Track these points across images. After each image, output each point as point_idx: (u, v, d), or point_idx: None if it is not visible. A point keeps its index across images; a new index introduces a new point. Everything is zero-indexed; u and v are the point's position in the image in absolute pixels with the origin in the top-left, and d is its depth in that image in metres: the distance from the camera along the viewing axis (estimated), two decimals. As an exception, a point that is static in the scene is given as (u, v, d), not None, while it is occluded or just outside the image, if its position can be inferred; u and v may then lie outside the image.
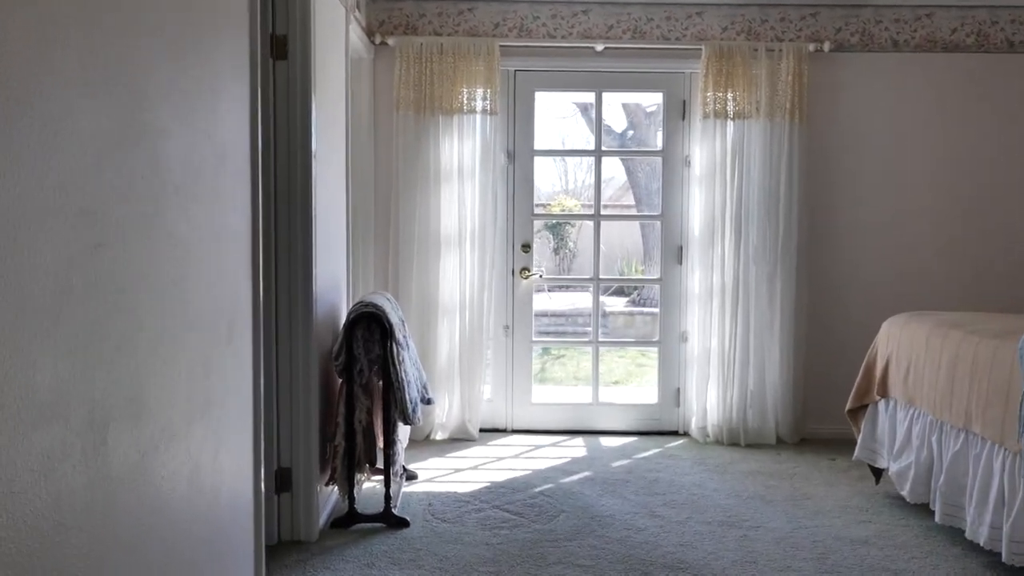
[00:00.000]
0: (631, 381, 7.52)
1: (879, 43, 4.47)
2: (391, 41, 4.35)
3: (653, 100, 8.45)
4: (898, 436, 3.35)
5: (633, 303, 9.94)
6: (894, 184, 4.52)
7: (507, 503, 3.47)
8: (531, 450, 4.31)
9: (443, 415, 4.47)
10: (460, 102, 4.35)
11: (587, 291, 5.02)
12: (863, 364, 3.66)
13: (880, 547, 3.04)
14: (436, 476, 3.84)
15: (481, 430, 4.53)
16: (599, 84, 4.61)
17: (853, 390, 3.68)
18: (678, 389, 4.66)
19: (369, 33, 4.34)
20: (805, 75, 4.35)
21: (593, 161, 4.79)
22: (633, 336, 8.85)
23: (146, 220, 1.64)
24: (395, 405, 3.21)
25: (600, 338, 4.84)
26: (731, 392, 4.44)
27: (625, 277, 10.48)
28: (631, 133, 10.25)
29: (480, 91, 4.36)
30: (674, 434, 4.62)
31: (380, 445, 3.31)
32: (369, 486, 3.56)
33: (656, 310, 4.83)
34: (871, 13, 4.46)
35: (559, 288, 10.51)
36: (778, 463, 4.10)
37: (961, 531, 2.92)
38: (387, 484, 3.23)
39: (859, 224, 4.54)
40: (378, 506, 3.27)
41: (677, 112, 4.59)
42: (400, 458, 3.38)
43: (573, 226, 11.18)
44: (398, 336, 3.28)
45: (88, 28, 1.41)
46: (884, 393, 3.49)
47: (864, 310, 4.44)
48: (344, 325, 3.22)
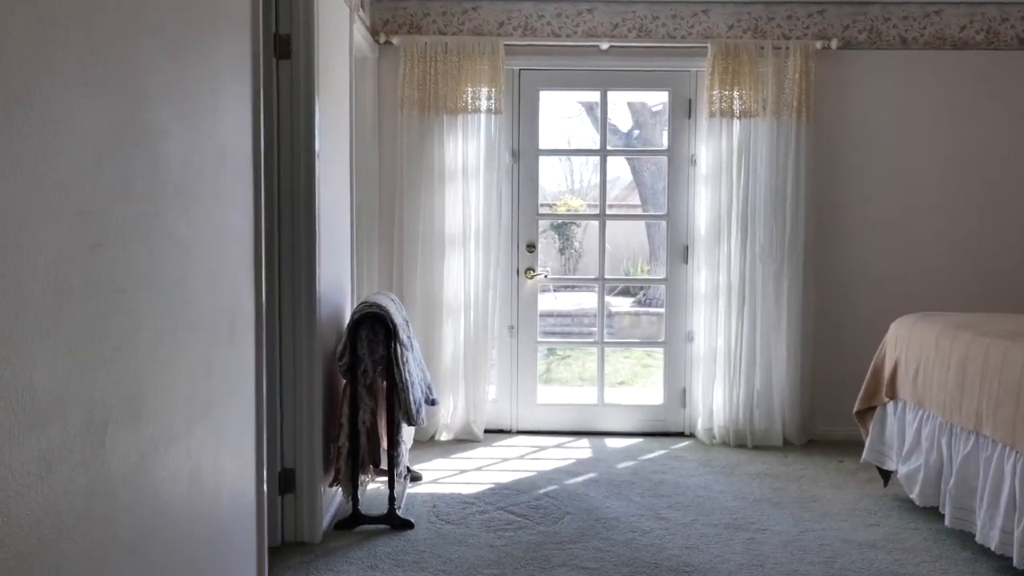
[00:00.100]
0: (637, 382, 7.49)
1: (887, 40, 4.44)
2: (395, 40, 4.33)
3: (659, 99, 8.42)
4: (907, 438, 3.32)
5: (639, 303, 9.91)
6: (903, 182, 4.49)
7: (512, 505, 3.45)
8: (536, 451, 4.29)
9: (448, 416, 4.45)
10: (464, 101, 4.33)
11: (593, 291, 4.99)
12: (871, 365, 3.63)
13: (889, 551, 3.01)
14: (441, 477, 3.82)
15: (486, 431, 4.51)
16: (604, 83, 4.59)
17: (861, 391, 3.65)
18: (684, 390, 4.63)
19: (373, 32, 4.32)
20: (812, 73, 4.31)
21: (598, 161, 4.76)
22: (639, 336, 8.81)
23: (146, 220, 1.62)
24: (399, 406, 3.20)
25: (605, 338, 4.81)
26: (737, 393, 4.41)
27: (631, 277, 10.44)
28: (637, 133, 10.22)
29: (484, 90, 4.34)
30: (680, 435, 4.59)
31: (384, 446, 3.29)
32: (373, 487, 3.55)
33: (662, 310, 4.81)
34: (879, 10, 4.42)
35: (565, 288, 10.48)
36: (785, 465, 4.07)
37: (971, 535, 2.88)
38: (391, 485, 3.21)
39: (867, 222, 4.50)
40: (382, 507, 3.25)
41: (683, 111, 4.56)
42: (404, 459, 3.36)
43: (579, 226, 11.15)
44: (402, 337, 3.26)
45: (88, 28, 1.41)
46: (893, 395, 3.45)
47: (872, 309, 4.41)
48: (348, 325, 3.20)
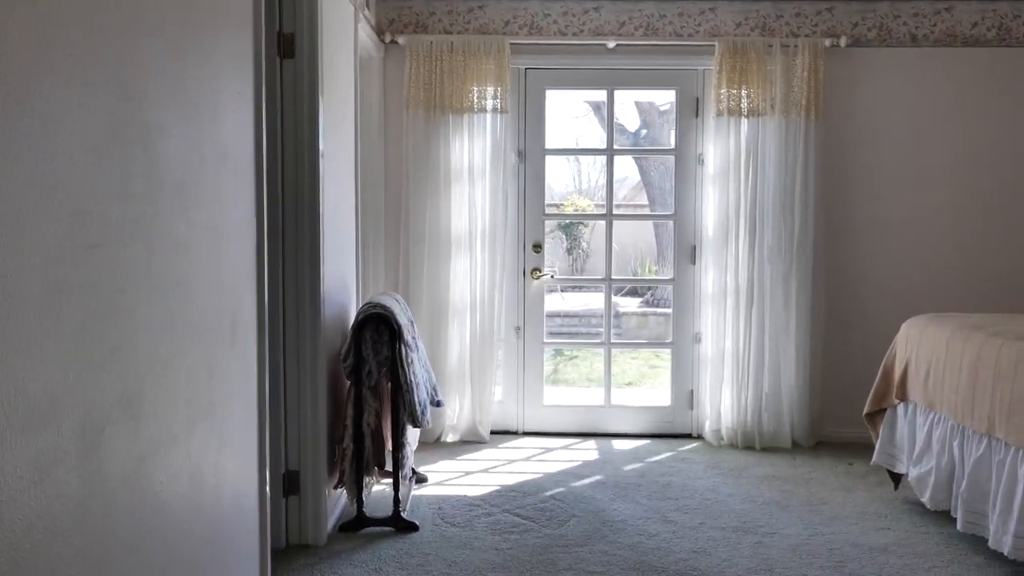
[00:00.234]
0: (644, 383, 7.45)
1: (897, 38, 4.39)
2: (401, 40, 4.31)
3: (666, 98, 8.37)
4: (918, 441, 3.27)
5: (647, 303, 9.87)
6: (913, 181, 4.44)
7: (517, 507, 3.42)
8: (542, 453, 4.26)
9: (454, 417, 4.43)
10: (470, 101, 4.31)
11: (600, 291, 4.96)
12: (881, 366, 3.58)
13: (899, 555, 2.96)
14: (446, 479, 3.80)
15: (492, 432, 4.49)
16: (611, 82, 4.55)
17: (871, 393, 3.60)
18: (691, 391, 4.59)
19: (379, 32, 4.30)
20: (821, 71, 4.27)
21: (605, 160, 4.73)
22: (647, 337, 8.77)
23: (145, 220, 1.60)
24: (404, 407, 3.17)
25: (612, 339, 4.78)
26: (746, 394, 4.37)
27: (638, 278, 10.40)
28: (644, 132, 10.17)
29: (490, 89, 4.31)
30: (687, 437, 4.55)
31: (389, 448, 3.27)
32: (379, 489, 3.53)
33: (670, 310, 4.77)
34: (888, 8, 4.37)
35: (572, 288, 10.45)
36: (794, 467, 4.03)
37: (984, 539, 2.84)
38: (396, 487, 3.19)
39: (877, 222, 4.45)
40: (387, 509, 3.23)
41: (690, 110, 4.52)
42: (409, 461, 3.34)
43: (586, 226, 11.11)
44: (407, 337, 3.24)
45: (88, 28, 1.40)
46: (903, 396, 3.41)
47: (882, 310, 4.36)
48: (352, 326, 3.18)
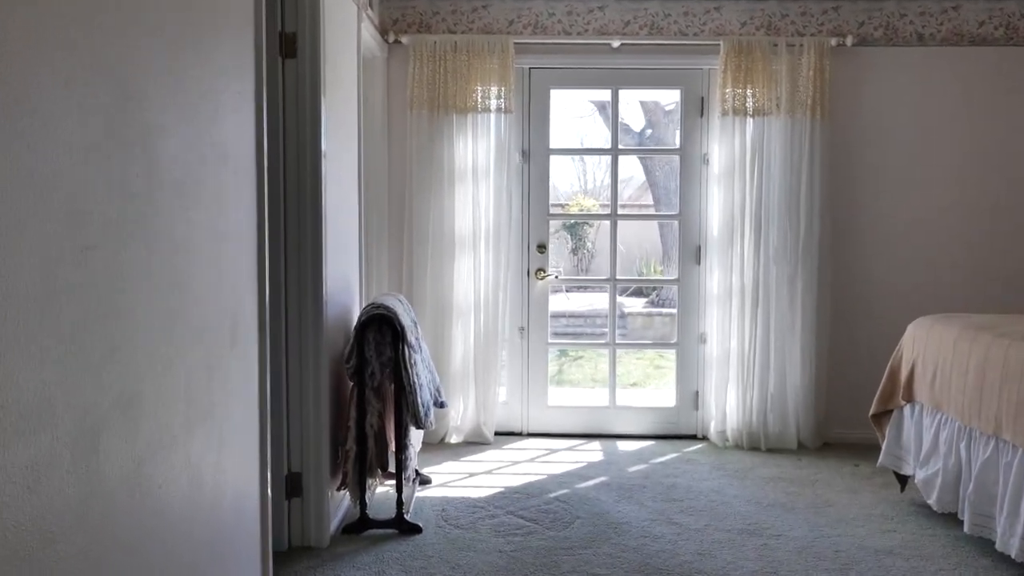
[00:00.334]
0: (649, 383, 7.43)
1: (903, 37, 4.36)
2: (405, 39, 4.30)
3: (671, 98, 8.35)
4: (924, 442, 3.25)
5: (652, 304, 9.85)
6: (919, 181, 4.40)
7: (521, 509, 3.40)
8: (547, 454, 4.24)
9: (458, 418, 4.41)
10: (474, 100, 4.29)
11: (605, 292, 4.94)
12: (887, 367, 3.55)
13: (906, 558, 2.94)
14: (450, 480, 3.78)
15: (496, 433, 4.47)
16: (615, 81, 4.53)
17: (877, 394, 3.58)
18: (697, 392, 4.57)
19: (382, 31, 4.29)
20: (827, 70, 4.24)
21: (610, 160, 4.71)
22: (652, 337, 8.74)
23: (144, 220, 1.60)
24: (407, 409, 3.16)
25: (617, 340, 4.76)
26: (751, 395, 4.34)
27: (643, 278, 10.38)
28: (650, 132, 10.15)
29: (495, 89, 4.29)
30: (692, 438, 4.53)
31: (392, 449, 3.26)
32: (382, 491, 3.51)
33: (675, 310, 4.74)
34: (895, 6, 4.34)
35: (577, 289, 10.44)
36: (799, 469, 4.00)
37: (991, 542, 2.81)
38: (399, 489, 3.18)
39: (883, 222, 4.42)
40: (390, 511, 3.22)
41: (695, 109, 4.50)
42: (412, 463, 3.32)
43: (592, 226, 11.09)
44: (410, 338, 3.22)
45: (88, 28, 1.40)
46: (910, 398, 3.38)
47: (889, 310, 4.33)
48: (355, 327, 3.17)
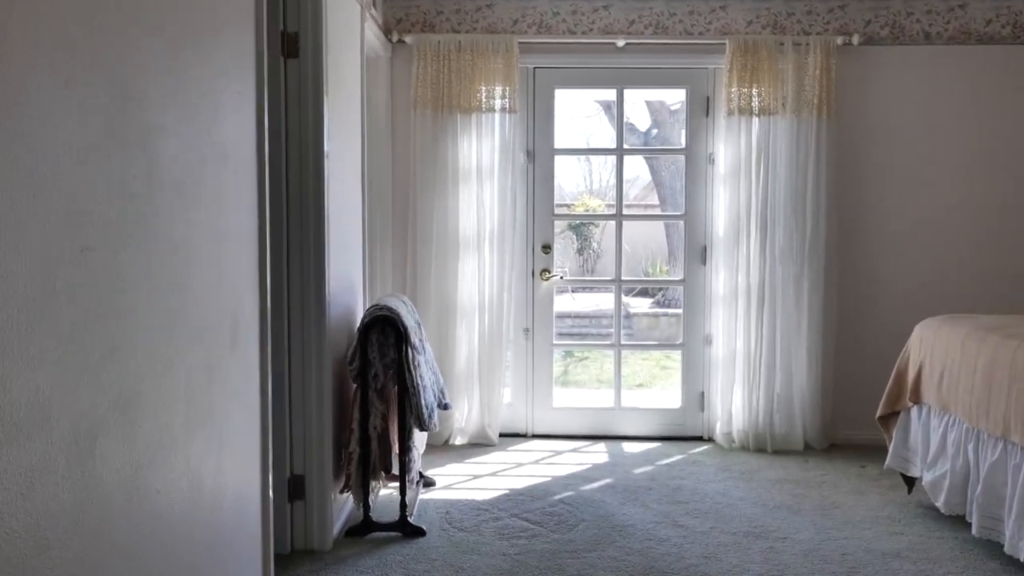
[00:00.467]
0: (655, 384, 7.40)
1: (910, 35, 4.33)
2: (408, 39, 4.28)
3: (677, 97, 8.31)
4: (932, 444, 3.22)
5: (658, 304, 9.82)
6: (926, 180, 4.37)
7: (526, 511, 3.38)
8: (551, 456, 4.22)
9: (462, 419, 4.40)
10: (479, 100, 4.27)
11: (610, 292, 4.92)
12: (895, 369, 3.52)
13: (913, 560, 2.91)
14: (454, 483, 3.76)
15: (501, 435, 4.45)
16: (620, 81, 4.51)
17: (884, 396, 3.55)
18: (702, 393, 4.54)
19: (386, 31, 4.28)
20: (833, 69, 4.21)
21: (616, 160, 4.69)
22: (658, 338, 8.71)
23: (144, 221, 1.58)
24: (411, 411, 3.14)
25: (623, 340, 4.74)
26: (757, 396, 4.31)
27: (649, 278, 10.35)
28: (655, 132, 10.12)
29: (499, 89, 4.28)
30: (698, 439, 4.50)
31: (396, 451, 3.24)
32: (385, 493, 3.50)
33: (681, 311, 4.72)
34: (901, 5, 4.31)
35: (582, 289, 10.41)
36: (806, 471, 3.97)
37: (999, 545, 2.78)
38: (403, 492, 3.16)
39: (890, 222, 4.38)
40: (394, 514, 3.20)
41: (701, 109, 4.47)
42: (416, 465, 3.31)
43: (597, 226, 11.06)
44: (414, 340, 3.20)
45: (88, 28, 1.39)
46: (917, 399, 3.35)
47: (895, 311, 4.29)
48: (358, 329, 3.16)
